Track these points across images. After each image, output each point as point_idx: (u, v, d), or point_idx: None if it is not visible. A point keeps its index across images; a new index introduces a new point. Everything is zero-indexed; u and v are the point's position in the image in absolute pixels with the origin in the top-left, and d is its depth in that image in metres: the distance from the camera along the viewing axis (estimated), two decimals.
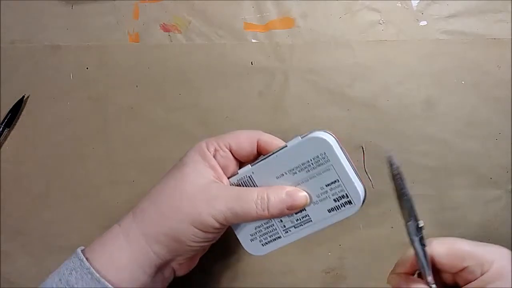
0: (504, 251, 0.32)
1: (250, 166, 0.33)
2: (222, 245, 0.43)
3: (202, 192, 0.32)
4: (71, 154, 0.45)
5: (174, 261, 0.35)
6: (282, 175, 0.32)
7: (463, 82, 0.42)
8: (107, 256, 0.33)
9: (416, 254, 0.32)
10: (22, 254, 0.44)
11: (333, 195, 0.31)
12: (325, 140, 0.30)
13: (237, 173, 0.34)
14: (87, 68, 0.45)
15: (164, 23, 0.44)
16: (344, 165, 0.30)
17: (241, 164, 0.36)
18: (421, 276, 0.32)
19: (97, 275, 0.31)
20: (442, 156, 0.42)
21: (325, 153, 0.31)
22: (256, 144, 0.34)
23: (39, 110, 0.45)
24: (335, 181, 0.31)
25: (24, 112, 0.45)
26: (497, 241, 0.41)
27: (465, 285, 0.32)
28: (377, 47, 0.43)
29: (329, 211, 0.32)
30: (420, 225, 0.31)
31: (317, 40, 0.43)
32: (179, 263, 0.35)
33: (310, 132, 0.32)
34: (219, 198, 0.32)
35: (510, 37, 0.42)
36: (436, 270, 0.32)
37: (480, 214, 0.42)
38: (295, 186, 0.32)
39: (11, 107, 0.44)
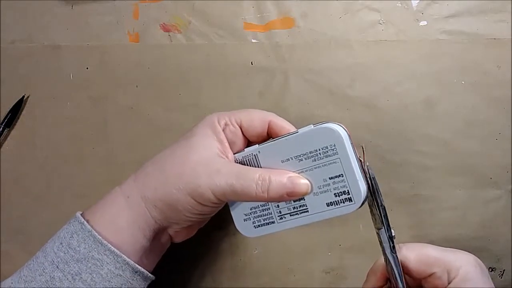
0: (470, 257, 0.32)
1: (257, 146, 0.33)
2: (222, 245, 0.43)
3: (205, 164, 0.32)
4: (71, 154, 0.45)
5: (171, 228, 0.35)
6: (288, 160, 0.32)
7: (463, 82, 0.42)
8: (107, 217, 0.33)
9: (388, 263, 0.32)
10: (22, 254, 0.44)
11: (335, 189, 0.31)
12: (337, 132, 0.30)
13: (244, 150, 0.34)
14: (87, 68, 0.45)
15: (164, 23, 0.44)
16: (352, 161, 0.30)
17: (249, 143, 0.36)
18: (391, 284, 0.32)
19: (99, 237, 0.31)
20: (442, 156, 0.42)
21: (334, 145, 0.30)
22: (267, 126, 0.34)
23: (39, 110, 0.45)
24: (340, 175, 0.30)
25: (24, 112, 0.45)
26: (497, 241, 0.41)
27: None
28: (377, 47, 0.43)
29: (328, 204, 0.31)
30: (392, 234, 0.31)
31: (317, 40, 0.43)
32: (175, 230, 0.35)
33: (324, 122, 0.31)
34: (221, 173, 0.31)
35: (510, 37, 0.42)
36: (404, 276, 0.32)
37: (480, 214, 0.42)
38: (299, 173, 0.31)
39: (11, 107, 0.44)
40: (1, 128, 0.44)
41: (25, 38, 0.45)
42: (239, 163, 0.34)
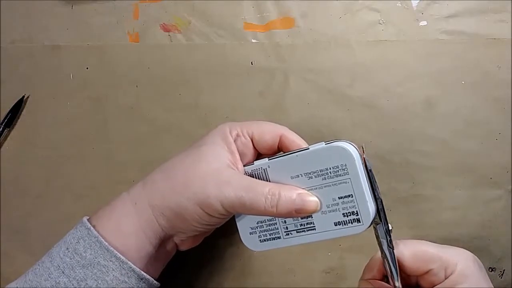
0: (467, 253, 0.32)
1: (267, 160, 0.33)
2: (222, 245, 0.43)
3: (214, 174, 0.31)
4: (71, 154, 0.45)
5: (177, 237, 0.35)
6: (298, 176, 0.32)
7: (463, 82, 0.42)
8: (114, 223, 0.33)
9: (384, 257, 0.32)
10: (22, 254, 0.44)
11: (343, 209, 0.30)
12: (349, 151, 0.30)
13: (253, 163, 0.34)
14: (87, 68, 0.45)
15: (164, 23, 0.44)
16: (362, 182, 0.30)
17: (259, 155, 0.35)
18: (388, 280, 0.32)
19: (106, 243, 0.31)
20: (442, 156, 0.42)
21: (346, 165, 0.30)
22: (278, 139, 0.34)
23: (39, 110, 0.45)
24: (349, 196, 0.30)
25: (24, 112, 0.45)
26: (497, 241, 0.41)
27: (429, 287, 0.32)
28: (377, 47, 0.43)
29: (336, 224, 0.31)
30: (389, 228, 0.31)
31: (317, 40, 0.43)
32: (181, 239, 0.35)
33: (335, 141, 0.31)
34: (230, 185, 0.31)
35: (510, 37, 0.42)
36: (401, 272, 0.32)
37: (480, 214, 0.42)
38: (308, 191, 0.31)
39: (11, 107, 0.44)
40: (1, 128, 0.44)
41: (25, 38, 0.46)
42: (248, 175, 0.34)
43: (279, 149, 0.35)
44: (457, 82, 0.42)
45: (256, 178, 0.33)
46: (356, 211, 0.30)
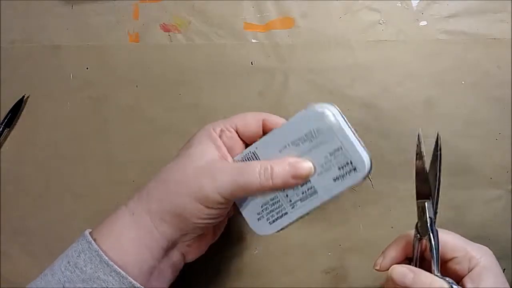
0: (490, 251, 0.34)
1: (254, 143, 0.34)
2: (222, 245, 0.43)
3: (206, 168, 0.32)
4: (71, 154, 0.45)
5: (181, 243, 0.35)
6: (285, 147, 0.32)
7: (463, 82, 0.42)
8: (114, 236, 0.33)
9: (419, 238, 0.33)
10: (22, 254, 0.44)
11: (337, 163, 0.31)
12: (326, 110, 0.31)
13: (242, 152, 0.34)
14: (87, 68, 0.45)
15: (164, 23, 0.45)
16: (347, 132, 0.30)
17: (247, 146, 0.36)
18: (409, 263, 0.33)
19: (106, 257, 0.31)
20: (442, 156, 0.42)
21: (327, 123, 0.31)
22: (261, 125, 0.35)
23: (39, 110, 0.45)
24: (339, 149, 0.31)
25: (24, 112, 0.45)
26: (497, 241, 0.41)
27: (449, 275, 0.33)
28: (377, 47, 0.43)
29: (334, 180, 0.31)
30: (437, 211, 0.32)
31: (317, 40, 0.43)
32: (187, 244, 0.35)
33: (314, 104, 0.32)
34: (223, 172, 0.32)
35: (510, 37, 0.42)
36: (423, 258, 0.34)
37: (480, 214, 0.42)
38: (299, 157, 0.32)
39: (11, 107, 0.44)
40: (1, 128, 0.44)
41: (25, 38, 0.46)
42: None
43: (265, 134, 0.35)
44: (457, 82, 0.42)
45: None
46: (350, 161, 0.30)
